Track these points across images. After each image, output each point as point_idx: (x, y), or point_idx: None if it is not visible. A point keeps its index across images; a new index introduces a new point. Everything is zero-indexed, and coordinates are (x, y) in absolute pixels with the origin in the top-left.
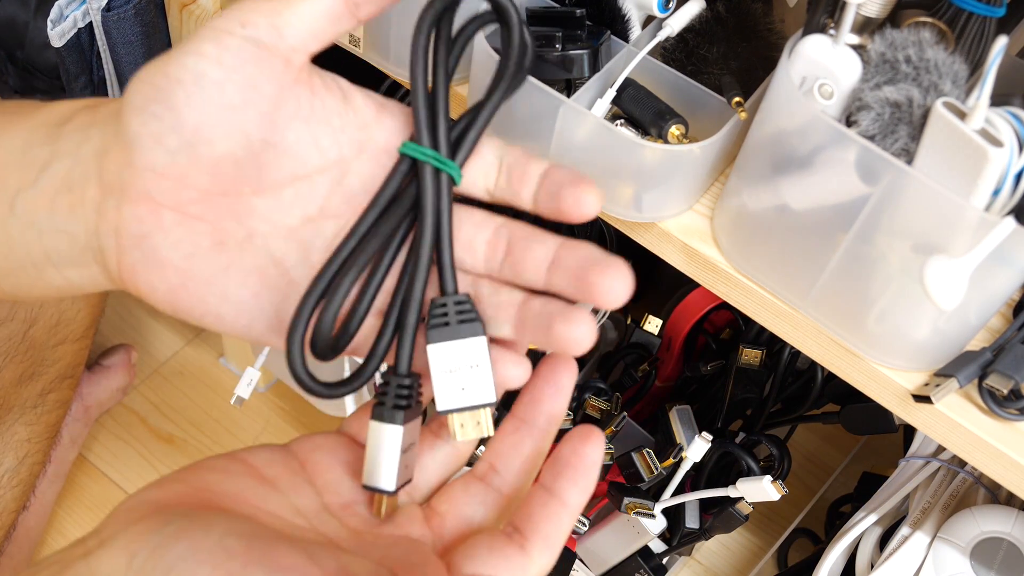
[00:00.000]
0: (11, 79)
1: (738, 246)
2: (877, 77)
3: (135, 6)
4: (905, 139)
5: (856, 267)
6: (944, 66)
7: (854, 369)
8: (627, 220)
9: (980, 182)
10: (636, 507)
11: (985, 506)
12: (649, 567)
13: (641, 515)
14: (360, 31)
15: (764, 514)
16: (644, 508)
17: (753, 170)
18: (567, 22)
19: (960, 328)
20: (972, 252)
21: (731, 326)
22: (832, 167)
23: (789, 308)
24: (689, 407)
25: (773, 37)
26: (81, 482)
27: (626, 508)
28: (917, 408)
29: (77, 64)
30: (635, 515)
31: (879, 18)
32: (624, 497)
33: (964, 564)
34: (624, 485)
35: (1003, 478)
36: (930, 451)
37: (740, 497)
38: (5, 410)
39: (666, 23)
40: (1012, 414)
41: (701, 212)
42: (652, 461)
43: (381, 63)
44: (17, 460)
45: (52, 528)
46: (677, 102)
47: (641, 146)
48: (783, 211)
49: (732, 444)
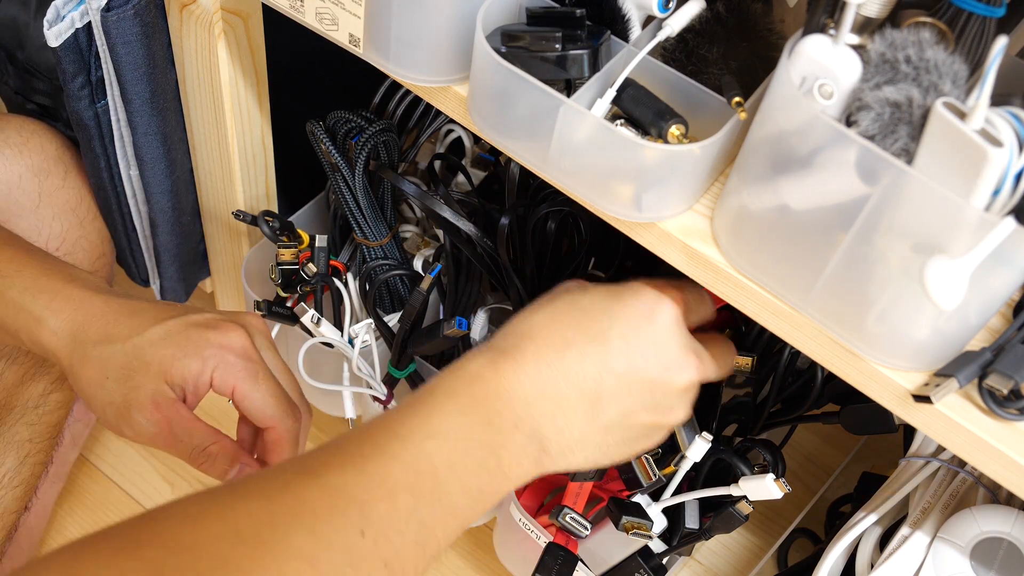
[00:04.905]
0: (11, 80)
1: (738, 246)
2: (877, 77)
3: (135, 6)
4: (905, 139)
5: (856, 267)
6: (944, 66)
7: (854, 369)
8: (627, 220)
9: (980, 182)
10: (634, 527)
11: (985, 506)
12: (649, 567)
13: (639, 535)
14: (360, 31)
15: (764, 514)
16: (642, 528)
17: (753, 170)
18: (567, 22)
19: (960, 328)
20: (972, 252)
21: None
22: (832, 167)
23: (789, 308)
24: None
25: (773, 37)
26: (82, 482)
27: (624, 527)
28: (917, 408)
29: (74, 64)
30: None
31: (879, 18)
32: (622, 515)
33: (964, 564)
34: (623, 501)
35: (1003, 478)
36: (930, 451)
37: (742, 496)
38: (7, 410)
39: (666, 23)
40: (1012, 414)
41: (701, 212)
42: (651, 468)
43: (381, 63)
44: (19, 460)
45: (52, 528)
46: (677, 102)
47: (641, 146)
48: (783, 211)
49: (725, 450)
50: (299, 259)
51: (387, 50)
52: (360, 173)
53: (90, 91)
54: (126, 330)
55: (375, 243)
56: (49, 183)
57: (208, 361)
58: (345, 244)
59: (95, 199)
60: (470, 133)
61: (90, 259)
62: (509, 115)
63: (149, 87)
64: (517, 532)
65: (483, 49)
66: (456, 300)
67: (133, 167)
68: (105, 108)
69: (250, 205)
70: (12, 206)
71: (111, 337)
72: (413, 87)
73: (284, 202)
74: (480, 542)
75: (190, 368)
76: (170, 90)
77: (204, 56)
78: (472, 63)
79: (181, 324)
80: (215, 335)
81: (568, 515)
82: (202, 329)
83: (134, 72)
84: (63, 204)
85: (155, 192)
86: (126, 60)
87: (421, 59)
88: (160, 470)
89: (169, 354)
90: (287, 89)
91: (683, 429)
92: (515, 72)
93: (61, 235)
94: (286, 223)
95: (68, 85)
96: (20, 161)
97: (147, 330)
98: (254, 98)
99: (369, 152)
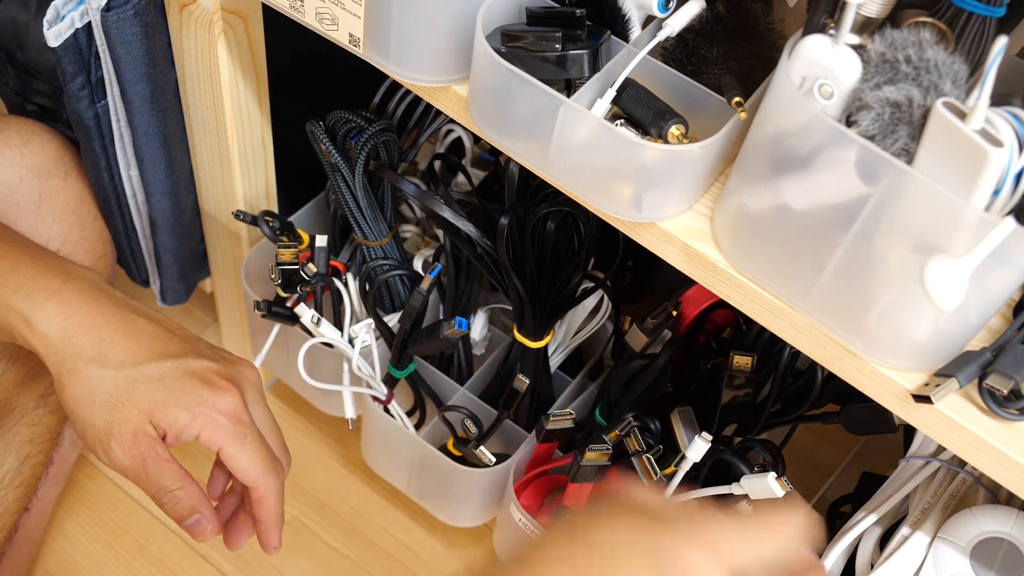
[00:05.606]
0: (11, 80)
1: (738, 246)
2: (877, 77)
3: (134, 6)
4: (905, 139)
5: (856, 267)
6: (944, 66)
7: (854, 369)
8: (627, 220)
9: (980, 182)
10: None
11: (985, 506)
12: None
13: None
14: (360, 31)
15: None
16: None
17: (753, 170)
18: (567, 22)
19: (960, 328)
20: (972, 252)
21: (732, 325)
22: (832, 167)
23: (789, 308)
24: (691, 408)
25: (773, 37)
26: (81, 482)
27: None
28: (917, 408)
29: (74, 64)
30: None
31: (879, 18)
32: None
33: (964, 564)
34: None
35: (1003, 478)
36: (930, 451)
37: (743, 495)
38: (7, 411)
39: (666, 23)
40: (1012, 414)
41: (701, 212)
42: (653, 467)
43: (381, 63)
44: (19, 461)
45: (52, 529)
46: (677, 102)
47: (641, 146)
48: (783, 211)
49: (725, 450)
50: (299, 259)
51: (387, 50)
52: (360, 173)
53: (90, 91)
54: (121, 355)
55: (375, 243)
56: (50, 184)
57: (198, 419)
58: (345, 244)
59: (95, 199)
60: (470, 133)
61: (91, 260)
62: (509, 115)
63: (149, 87)
64: (517, 532)
65: (483, 49)
66: (456, 300)
67: (133, 167)
68: (105, 108)
69: (250, 205)
70: (12, 207)
71: (104, 359)
72: (413, 87)
73: (284, 202)
74: (480, 542)
75: (178, 418)
76: (170, 90)
77: (204, 56)
78: (472, 63)
79: (178, 370)
80: (209, 394)
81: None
82: (197, 383)
83: (134, 72)
84: (63, 205)
85: (155, 192)
86: (126, 60)
87: (421, 59)
88: None
89: (160, 399)
90: (287, 89)
91: (683, 429)
92: (515, 72)
93: (61, 236)
94: (286, 223)
95: (68, 85)
96: (21, 162)
97: (142, 364)
98: (254, 98)
99: (369, 152)
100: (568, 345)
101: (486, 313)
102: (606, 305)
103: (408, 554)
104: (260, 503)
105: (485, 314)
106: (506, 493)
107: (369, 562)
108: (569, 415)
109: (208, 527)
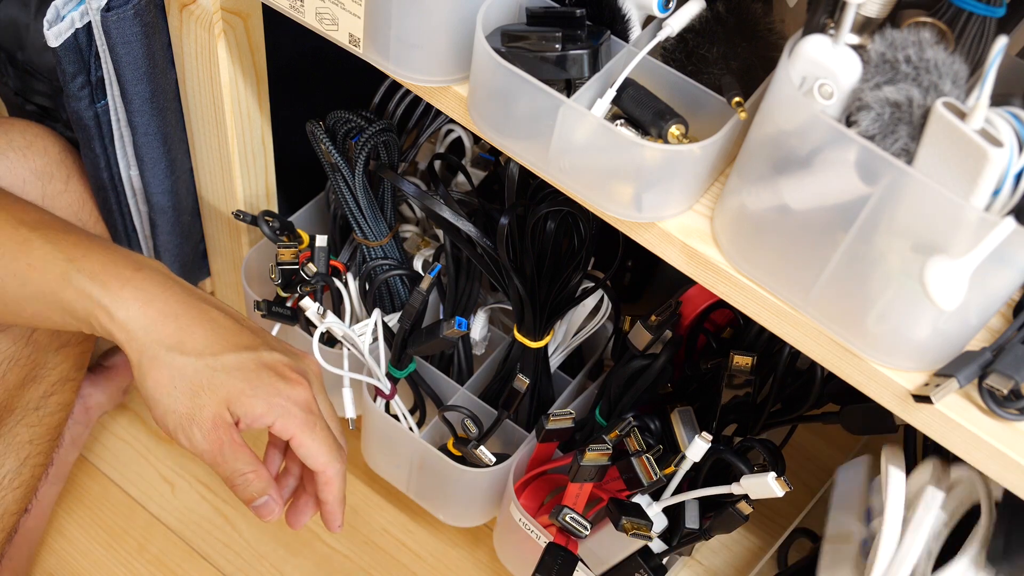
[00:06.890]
0: (11, 81)
1: (738, 246)
2: (877, 77)
3: (135, 6)
4: (905, 139)
5: (856, 267)
6: (944, 66)
7: (854, 369)
8: (627, 220)
9: (980, 182)
10: (634, 528)
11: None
12: (649, 567)
13: (638, 536)
14: (360, 31)
15: (764, 514)
16: (642, 529)
17: (753, 170)
18: (567, 22)
19: (960, 328)
20: (972, 252)
21: (732, 325)
22: (832, 167)
23: (789, 308)
24: (691, 408)
25: (773, 37)
26: (81, 482)
27: (623, 528)
28: (917, 408)
29: (74, 64)
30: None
31: (879, 18)
32: (622, 516)
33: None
34: (623, 502)
35: (1003, 478)
36: None
37: (743, 495)
38: (7, 412)
39: (666, 23)
40: (1012, 414)
41: (701, 212)
42: (653, 467)
43: (381, 63)
44: (19, 462)
45: (52, 529)
46: (677, 102)
47: (641, 146)
48: (783, 211)
49: (725, 450)
50: (299, 259)
51: (387, 50)
52: (360, 173)
53: (90, 91)
54: (200, 344)
55: (375, 243)
56: (52, 187)
57: (274, 409)
58: (345, 244)
59: (95, 199)
60: (470, 133)
61: None
62: (509, 115)
63: (149, 87)
64: (517, 532)
65: (483, 49)
66: (456, 300)
67: (133, 167)
68: (105, 108)
69: (250, 205)
70: None
71: (185, 347)
72: (413, 87)
73: (284, 202)
74: (480, 542)
75: (255, 407)
76: (170, 90)
77: (204, 56)
78: (472, 63)
79: (254, 361)
80: (285, 387)
81: (568, 515)
82: (273, 376)
83: (134, 72)
84: (66, 208)
85: (155, 192)
86: (126, 60)
87: (421, 59)
88: (160, 470)
89: (238, 388)
90: (287, 89)
91: (683, 429)
92: (515, 72)
93: None
94: (286, 223)
95: (68, 85)
96: (24, 165)
97: (221, 354)
98: (254, 98)
99: (369, 152)
100: (568, 345)
101: (486, 313)
102: (606, 305)
103: (408, 554)
104: (327, 486)
105: (485, 314)
106: (506, 493)
107: (369, 562)
108: (569, 415)
109: (275, 508)
